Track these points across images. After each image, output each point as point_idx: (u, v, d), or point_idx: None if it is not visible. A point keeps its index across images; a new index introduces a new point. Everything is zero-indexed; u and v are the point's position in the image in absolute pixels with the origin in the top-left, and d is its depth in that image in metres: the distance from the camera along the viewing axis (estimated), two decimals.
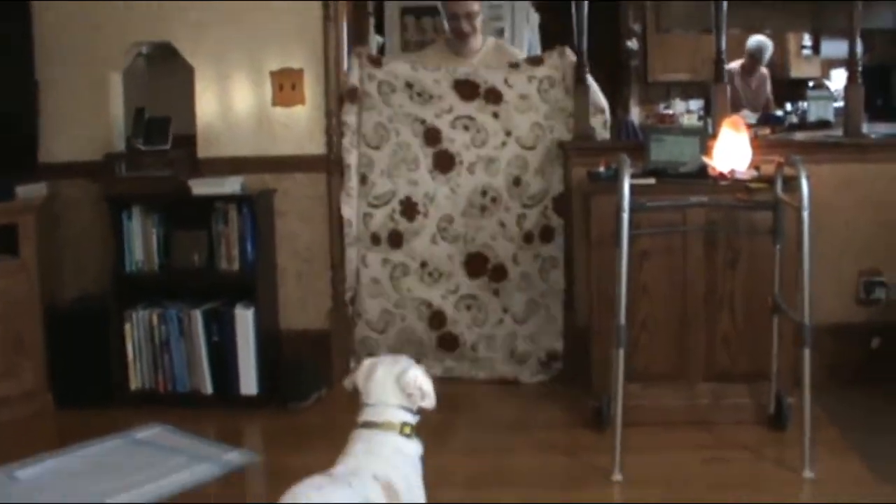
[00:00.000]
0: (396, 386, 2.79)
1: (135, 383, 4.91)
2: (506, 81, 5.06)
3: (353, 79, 5.11)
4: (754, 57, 7.97)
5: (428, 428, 2.90)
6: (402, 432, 2.75)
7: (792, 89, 8.73)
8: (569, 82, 5.06)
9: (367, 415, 2.77)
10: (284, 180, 5.09)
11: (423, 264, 5.15)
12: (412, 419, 2.80)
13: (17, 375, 4.70)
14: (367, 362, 2.88)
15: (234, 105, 5.12)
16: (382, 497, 2.56)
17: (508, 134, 5.07)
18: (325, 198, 5.11)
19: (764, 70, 8.14)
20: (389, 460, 2.67)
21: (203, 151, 5.12)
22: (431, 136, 5.10)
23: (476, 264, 5.14)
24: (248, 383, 4.82)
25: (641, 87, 9.37)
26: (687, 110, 8.67)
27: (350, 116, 5.11)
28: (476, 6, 5.21)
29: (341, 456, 2.69)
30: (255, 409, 4.77)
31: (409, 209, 5.14)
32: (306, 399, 4.82)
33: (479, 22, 5.26)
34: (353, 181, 5.11)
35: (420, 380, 2.79)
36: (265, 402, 4.81)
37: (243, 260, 4.85)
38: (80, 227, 5.19)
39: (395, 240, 5.16)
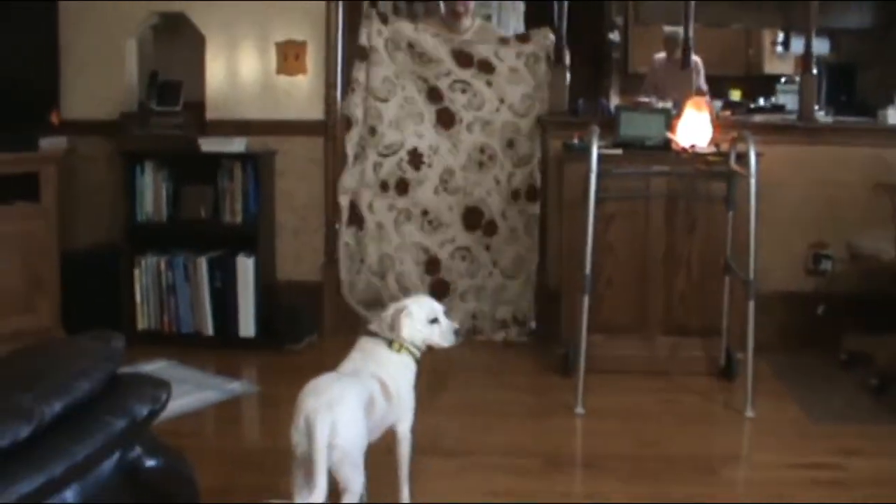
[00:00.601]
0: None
1: (142, 323, 5.30)
2: (496, 55, 5.46)
3: (363, 38, 5.44)
4: (671, 42, 8.17)
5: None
6: (390, 346, 3.15)
7: (765, 85, 9.09)
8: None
9: (372, 325, 3.20)
10: (285, 143, 5.45)
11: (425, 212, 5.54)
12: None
13: (34, 311, 5.06)
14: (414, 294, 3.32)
15: (241, 72, 5.49)
16: (380, 393, 2.99)
17: (502, 101, 5.46)
18: (321, 160, 5.48)
19: (694, 57, 8.35)
20: (382, 366, 3.08)
21: (211, 113, 5.49)
22: (434, 94, 5.48)
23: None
24: (247, 326, 5.24)
25: (622, 78, 9.67)
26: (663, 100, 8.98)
27: (360, 73, 5.45)
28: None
29: (344, 361, 3.10)
30: (253, 350, 5.19)
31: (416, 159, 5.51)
32: (300, 342, 5.24)
33: (471, 5, 5.64)
34: (351, 157, 5.47)
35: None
36: (262, 343, 5.21)
37: (246, 213, 5.23)
38: (96, 180, 5.53)
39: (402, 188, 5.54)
